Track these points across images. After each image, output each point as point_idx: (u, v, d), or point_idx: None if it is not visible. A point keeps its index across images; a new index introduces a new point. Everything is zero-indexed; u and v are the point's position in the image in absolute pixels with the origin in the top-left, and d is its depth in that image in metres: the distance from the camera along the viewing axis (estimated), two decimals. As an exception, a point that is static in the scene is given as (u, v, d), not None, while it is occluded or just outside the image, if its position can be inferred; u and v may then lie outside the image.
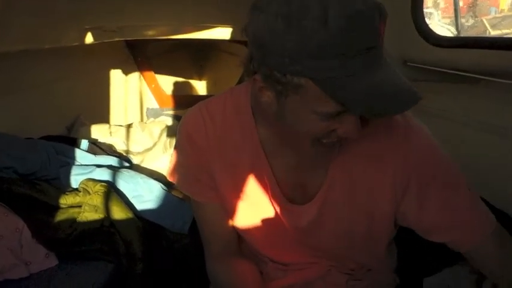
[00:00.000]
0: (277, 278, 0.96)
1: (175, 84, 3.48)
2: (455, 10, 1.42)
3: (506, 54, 1.04)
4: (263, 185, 0.87)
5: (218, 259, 0.96)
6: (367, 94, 0.62)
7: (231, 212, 0.92)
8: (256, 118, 0.83)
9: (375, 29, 0.62)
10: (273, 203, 0.88)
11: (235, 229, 0.95)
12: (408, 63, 1.36)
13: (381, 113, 0.66)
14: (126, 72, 2.98)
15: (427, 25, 1.30)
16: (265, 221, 0.90)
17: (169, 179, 0.95)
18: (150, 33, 2.35)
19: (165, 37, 2.39)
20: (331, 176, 0.83)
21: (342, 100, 0.64)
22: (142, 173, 1.80)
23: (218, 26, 2.24)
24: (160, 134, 2.28)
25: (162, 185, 1.73)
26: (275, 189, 0.86)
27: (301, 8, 0.61)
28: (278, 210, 0.88)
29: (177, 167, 0.92)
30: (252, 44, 0.68)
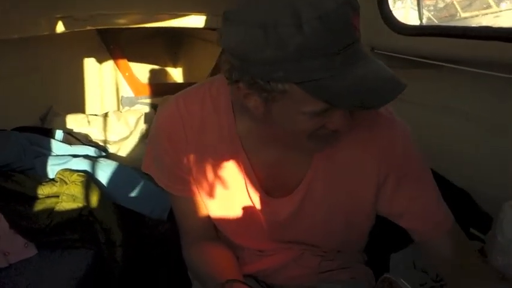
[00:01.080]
0: (252, 262, 0.99)
1: (150, 72, 3.45)
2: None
3: (464, 42, 1.10)
4: (241, 180, 0.88)
5: (194, 245, 0.97)
6: (350, 91, 0.64)
7: (208, 204, 0.93)
8: (236, 115, 0.84)
9: (350, 25, 0.63)
10: (251, 197, 0.89)
11: (211, 219, 0.96)
12: (375, 50, 1.41)
13: (367, 107, 0.67)
14: (99, 60, 2.93)
15: (392, 14, 1.35)
16: (241, 215, 0.92)
17: (145, 171, 0.95)
18: (123, 22, 2.32)
19: (138, 26, 2.37)
20: (315, 167, 0.86)
21: (327, 99, 0.65)
22: (120, 162, 1.81)
23: (191, 14, 2.24)
24: (136, 123, 2.27)
25: (139, 172, 1.74)
26: (254, 184, 0.88)
27: (274, 15, 0.62)
28: (256, 204, 0.90)
29: (154, 161, 0.93)
30: (231, 55, 0.68)
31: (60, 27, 2.08)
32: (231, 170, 0.88)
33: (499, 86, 1.12)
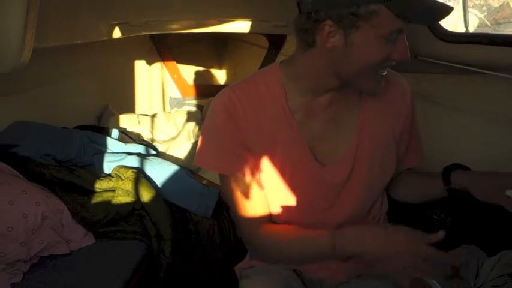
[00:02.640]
0: None
1: (197, 73, 3.57)
2: (463, 5, 1.44)
3: (509, 50, 1.10)
4: (297, 153, 0.97)
5: (261, 228, 1.00)
6: (423, 9, 0.82)
7: (265, 183, 0.99)
8: (286, 91, 0.96)
9: None
10: (306, 165, 0.97)
11: (264, 199, 1.01)
12: (419, 57, 1.42)
13: (431, 22, 0.88)
14: (150, 63, 3.08)
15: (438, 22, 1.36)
16: (296, 185, 0.99)
17: (198, 163, 1.01)
18: (174, 28, 2.43)
19: (188, 31, 2.48)
20: (358, 134, 0.98)
21: (406, 16, 0.81)
22: (168, 161, 1.91)
23: (238, 20, 2.32)
24: (184, 123, 2.38)
25: (187, 171, 1.84)
26: (306, 153, 0.97)
27: None
28: (310, 171, 0.98)
29: (209, 149, 0.99)
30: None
31: (117, 33, 2.23)
32: (287, 144, 0.97)
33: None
